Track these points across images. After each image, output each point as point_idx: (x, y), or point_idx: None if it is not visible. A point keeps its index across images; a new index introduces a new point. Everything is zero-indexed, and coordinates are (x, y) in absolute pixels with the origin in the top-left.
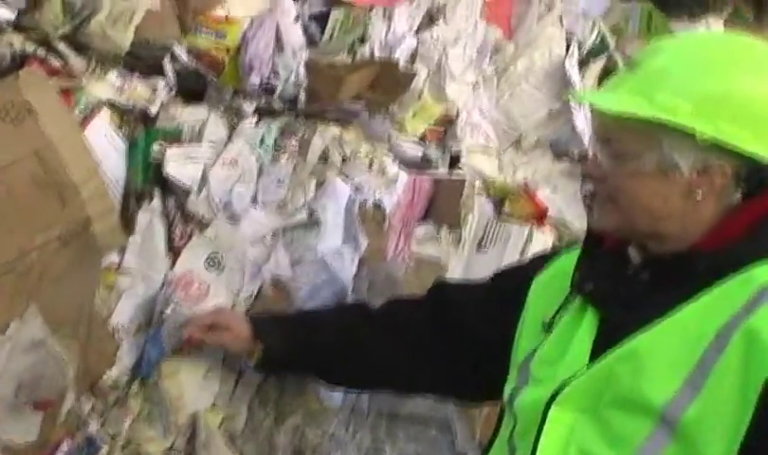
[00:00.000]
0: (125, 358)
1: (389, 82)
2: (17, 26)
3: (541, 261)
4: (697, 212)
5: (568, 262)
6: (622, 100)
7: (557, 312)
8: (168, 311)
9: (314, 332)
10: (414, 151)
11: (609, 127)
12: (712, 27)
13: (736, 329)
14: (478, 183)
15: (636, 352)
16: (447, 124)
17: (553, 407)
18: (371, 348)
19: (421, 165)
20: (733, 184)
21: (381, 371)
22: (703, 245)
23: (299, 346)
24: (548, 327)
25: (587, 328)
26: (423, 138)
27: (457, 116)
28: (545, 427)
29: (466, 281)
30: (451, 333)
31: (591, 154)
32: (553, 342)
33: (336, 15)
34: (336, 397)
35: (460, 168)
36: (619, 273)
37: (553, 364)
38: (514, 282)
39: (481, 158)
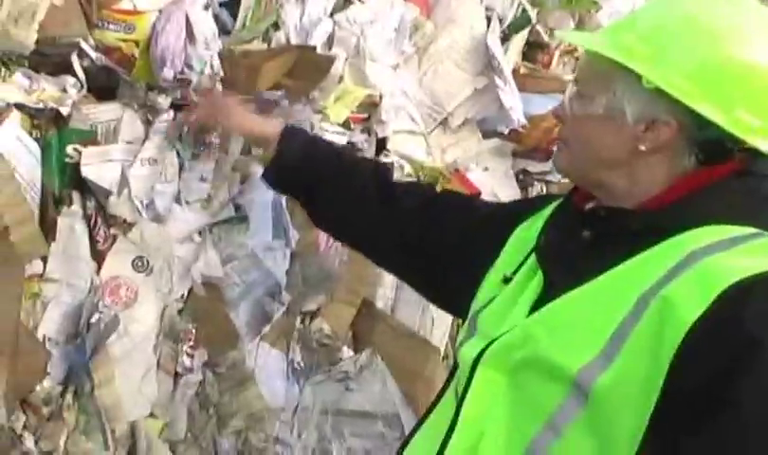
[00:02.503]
0: (56, 369)
1: (307, 69)
2: None
3: (537, 203)
4: (645, 168)
5: (548, 213)
6: (589, 38)
7: (520, 266)
8: (95, 318)
9: (334, 163)
10: (339, 137)
11: (581, 68)
12: None
13: (654, 296)
14: (407, 167)
15: (557, 313)
16: (370, 108)
17: (480, 364)
18: (368, 208)
19: None
20: (685, 146)
21: (366, 233)
22: (646, 206)
23: (313, 168)
24: (506, 281)
25: (534, 287)
26: (347, 124)
27: (380, 99)
28: (472, 384)
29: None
30: (433, 239)
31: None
32: (504, 298)
33: (247, 2)
34: (278, 396)
35: (387, 152)
36: (573, 231)
37: (497, 321)
38: (505, 221)
39: (408, 141)
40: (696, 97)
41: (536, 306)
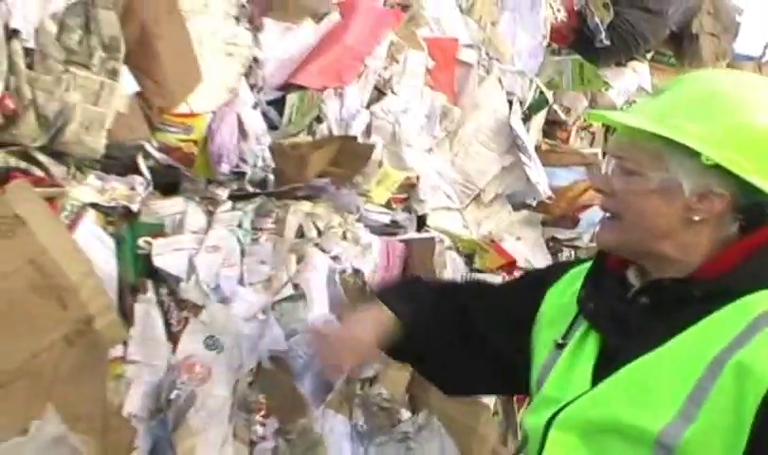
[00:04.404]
0: (142, 444)
1: (350, 156)
2: None
3: (558, 271)
4: (695, 237)
5: (579, 275)
6: (637, 118)
7: (569, 330)
8: (174, 394)
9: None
10: (383, 217)
11: (622, 145)
12: (638, 71)
13: (729, 359)
14: (446, 240)
15: (632, 378)
16: (409, 189)
17: (551, 429)
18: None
19: (391, 230)
20: (731, 214)
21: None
22: (700, 274)
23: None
24: (559, 346)
25: (590, 350)
26: (389, 205)
27: (418, 180)
28: (546, 446)
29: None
30: (468, 337)
31: (604, 170)
32: (563, 363)
33: (291, 100)
34: None
35: (427, 228)
36: (620, 296)
37: (561, 386)
38: (530, 292)
39: (445, 217)
40: (748, 169)
41: (597, 367)
